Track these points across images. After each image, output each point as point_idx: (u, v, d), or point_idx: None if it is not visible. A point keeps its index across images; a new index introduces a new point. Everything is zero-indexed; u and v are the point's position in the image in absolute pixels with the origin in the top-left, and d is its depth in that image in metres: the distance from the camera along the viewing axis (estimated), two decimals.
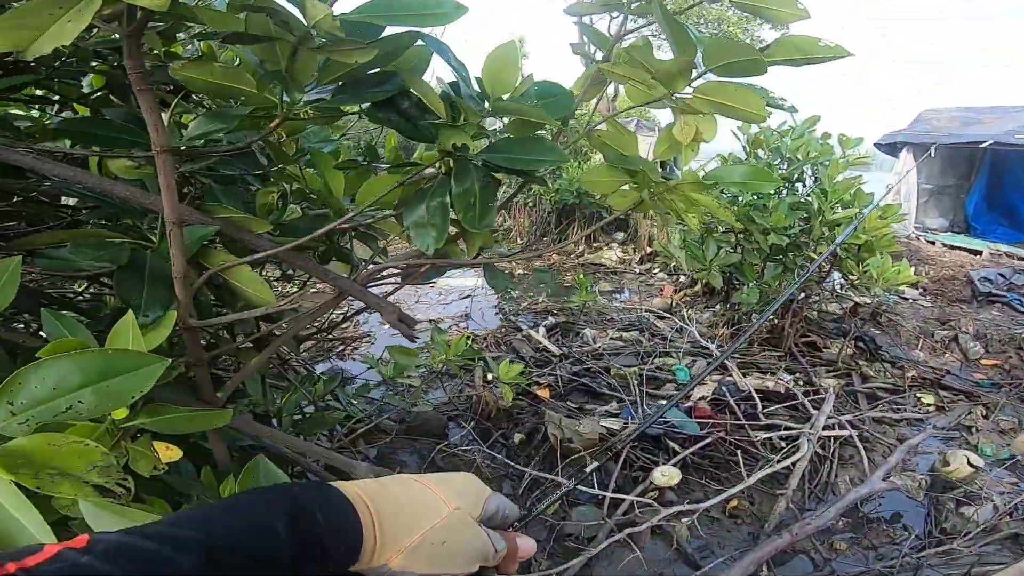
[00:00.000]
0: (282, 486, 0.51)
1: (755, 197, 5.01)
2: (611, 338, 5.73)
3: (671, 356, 5.32)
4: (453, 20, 0.69)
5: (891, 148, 10.58)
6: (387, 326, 1.04)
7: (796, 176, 5.05)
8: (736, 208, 4.96)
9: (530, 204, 9.75)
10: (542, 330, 5.86)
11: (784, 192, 5.08)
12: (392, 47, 0.79)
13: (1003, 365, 5.64)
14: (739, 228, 4.88)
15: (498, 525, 0.57)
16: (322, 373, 3.06)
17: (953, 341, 5.99)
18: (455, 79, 0.93)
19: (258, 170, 1.16)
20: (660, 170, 1.13)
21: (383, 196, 0.99)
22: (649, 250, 8.96)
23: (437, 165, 0.98)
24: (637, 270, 8.71)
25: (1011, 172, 10.32)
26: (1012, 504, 3.60)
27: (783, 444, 3.91)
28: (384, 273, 1.16)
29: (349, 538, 0.47)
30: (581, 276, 6.45)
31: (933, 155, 10.25)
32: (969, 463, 4.00)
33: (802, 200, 4.89)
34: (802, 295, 5.36)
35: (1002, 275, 7.26)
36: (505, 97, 0.95)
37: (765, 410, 4.27)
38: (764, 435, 3.94)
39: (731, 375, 4.85)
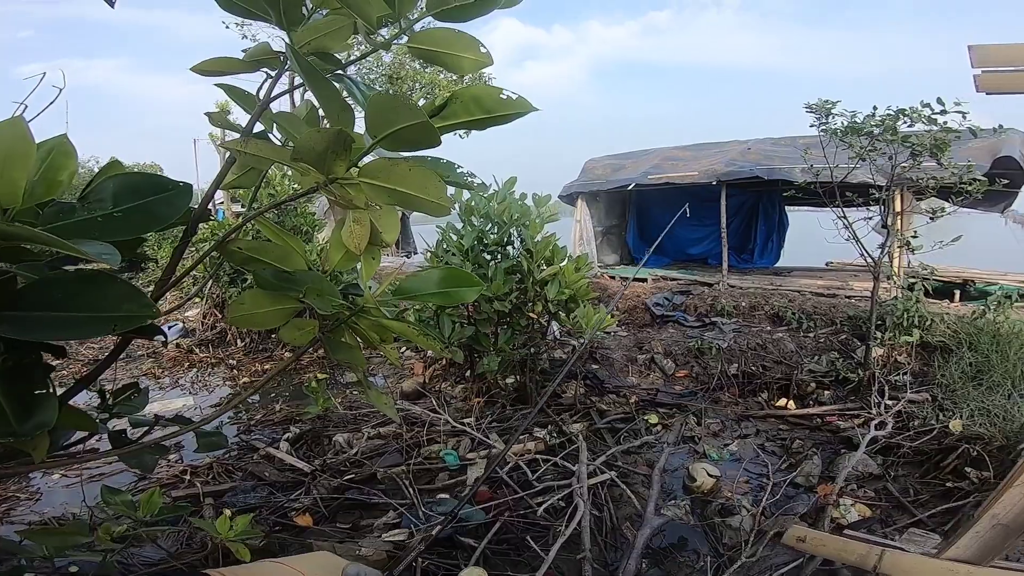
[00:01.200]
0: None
1: (478, 266, 5.25)
2: (368, 437, 5.25)
3: (436, 442, 5.09)
4: None
5: (570, 199, 12.49)
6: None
7: (505, 239, 5.45)
8: None
9: None
10: (285, 445, 5.08)
11: (499, 257, 5.44)
12: None
13: (691, 374, 6.96)
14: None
15: None
16: None
17: (652, 362, 7.17)
18: None
19: None
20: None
21: None
22: None
23: None
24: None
25: (650, 208, 12.99)
26: (756, 503, 4.21)
27: (562, 503, 3.98)
28: None
29: None
30: (314, 382, 5.78)
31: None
32: (708, 474, 4.67)
33: (515, 263, 5.29)
34: (532, 351, 5.74)
35: (666, 298, 9.10)
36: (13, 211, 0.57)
37: (535, 475, 4.36)
38: (542, 500, 3.97)
39: (495, 446, 4.87)
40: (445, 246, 5.59)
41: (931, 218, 6.57)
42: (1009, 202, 10.31)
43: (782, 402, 6.22)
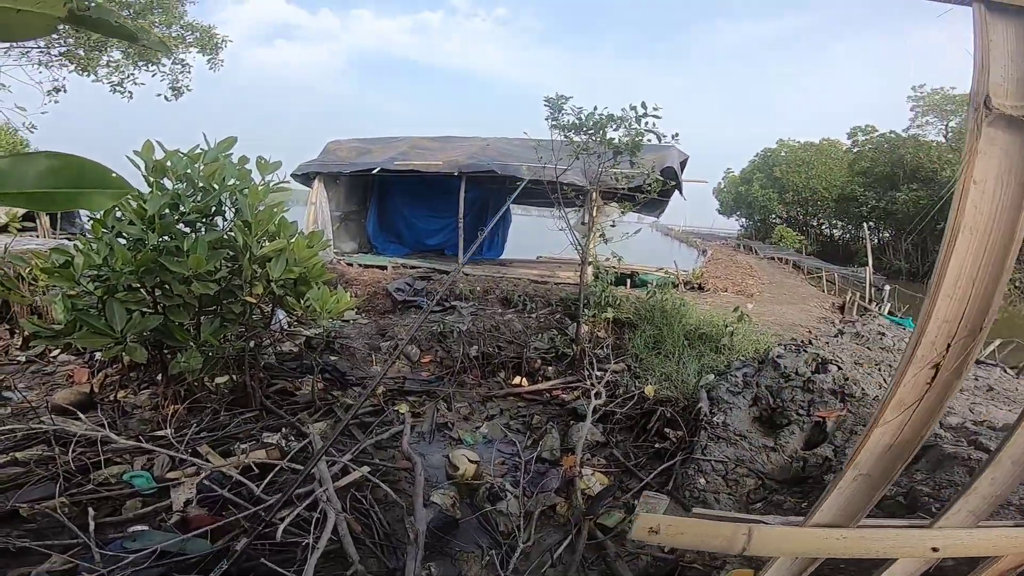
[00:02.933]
0: None
1: (166, 239, 3.54)
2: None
3: (117, 463, 3.26)
4: None
5: (305, 178, 10.69)
6: None
7: (214, 208, 3.84)
8: (140, 253, 3.34)
9: None
10: None
11: (202, 228, 3.79)
12: None
13: (435, 358, 6.28)
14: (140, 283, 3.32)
15: None
16: None
17: (395, 349, 6.26)
18: None
19: None
20: None
21: None
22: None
23: None
24: (22, 357, 5.51)
25: (392, 196, 12.11)
26: (516, 483, 3.71)
27: (316, 515, 2.77)
28: None
29: None
30: None
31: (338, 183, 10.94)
32: (469, 460, 3.95)
33: (225, 236, 3.74)
34: (252, 344, 4.26)
35: (408, 283, 8.30)
36: None
37: (262, 486, 3.01)
38: (286, 513, 2.71)
39: (208, 460, 3.32)
40: (120, 214, 3.65)
41: (612, 224, 7.27)
42: (662, 209, 12.55)
43: (517, 380, 6.05)
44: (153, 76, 12.89)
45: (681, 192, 10.43)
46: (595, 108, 5.75)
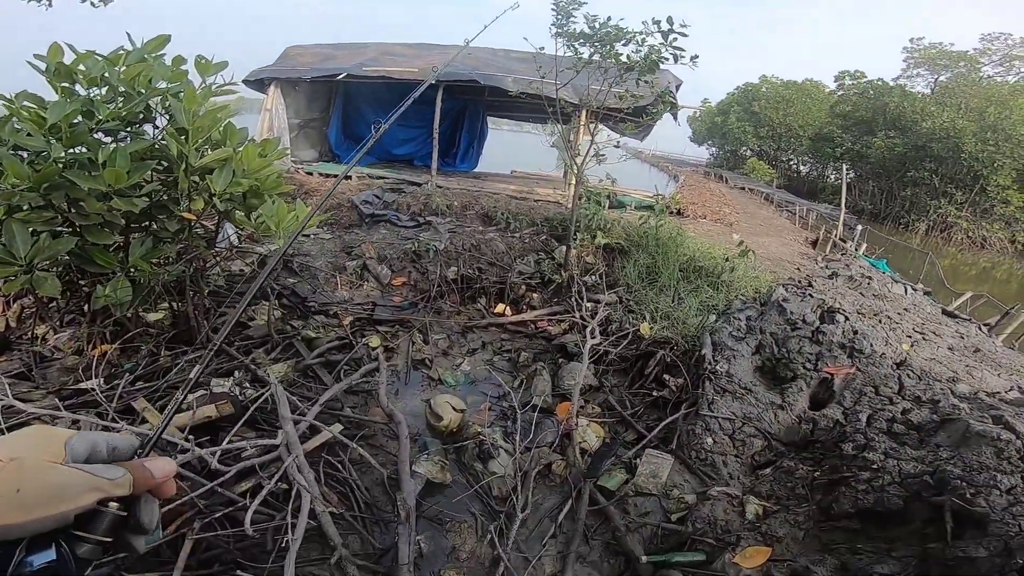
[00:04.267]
0: None
1: (80, 150, 2.80)
2: None
3: (28, 423, 2.76)
4: None
5: (259, 84, 9.48)
6: None
7: (141, 115, 3.05)
8: (39, 166, 2.61)
9: None
10: None
11: (126, 138, 3.01)
12: None
13: (409, 281, 5.79)
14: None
15: (107, 460, 0.52)
16: None
17: (364, 269, 5.72)
18: None
19: None
20: None
21: None
22: None
23: None
24: None
25: (357, 104, 11.05)
26: (507, 436, 3.44)
27: (282, 486, 2.43)
28: None
29: None
30: None
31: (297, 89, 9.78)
32: (453, 408, 3.64)
33: (155, 146, 3.00)
34: (193, 267, 3.66)
35: (376, 196, 7.56)
36: None
37: (223, 455, 2.59)
38: (247, 487, 2.36)
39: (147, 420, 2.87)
40: (18, 124, 2.79)
41: (617, 144, 6.66)
42: (647, 133, 11.87)
43: (500, 308, 5.69)
44: None
45: (676, 118, 9.75)
46: (608, 17, 4.91)
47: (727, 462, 3.24)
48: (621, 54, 5.29)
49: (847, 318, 4.41)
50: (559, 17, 5.13)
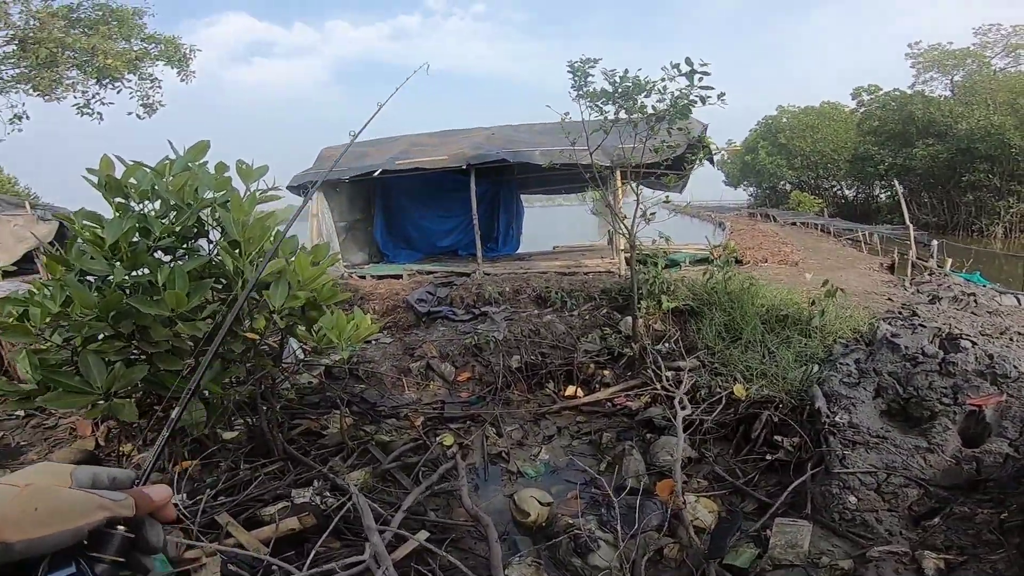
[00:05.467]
0: None
1: (138, 272, 2.98)
2: None
3: None
4: None
5: (301, 189, 10.15)
6: None
7: (194, 228, 3.26)
8: (104, 291, 2.79)
9: None
10: None
11: (184, 255, 3.21)
12: None
13: (473, 375, 5.69)
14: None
15: (110, 487, 0.59)
16: None
17: (428, 369, 5.68)
18: None
19: None
20: None
21: None
22: None
23: None
24: (20, 412, 4.98)
25: (397, 199, 11.55)
26: (605, 525, 3.13)
27: None
28: None
29: None
30: None
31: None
32: (540, 503, 3.37)
33: (212, 262, 3.17)
34: (260, 385, 3.69)
35: (430, 292, 7.72)
36: None
37: (310, 566, 2.42)
38: None
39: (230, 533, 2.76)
40: (80, 245, 3.07)
41: (666, 199, 6.62)
42: (685, 184, 11.88)
43: (570, 390, 5.43)
44: (119, 93, 12.38)
45: (713, 163, 9.72)
46: (626, 71, 5.07)
47: (880, 518, 2.74)
48: (646, 106, 5.35)
49: (974, 343, 3.90)
50: (577, 79, 5.29)
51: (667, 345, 5.80)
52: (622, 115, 5.47)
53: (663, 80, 5.03)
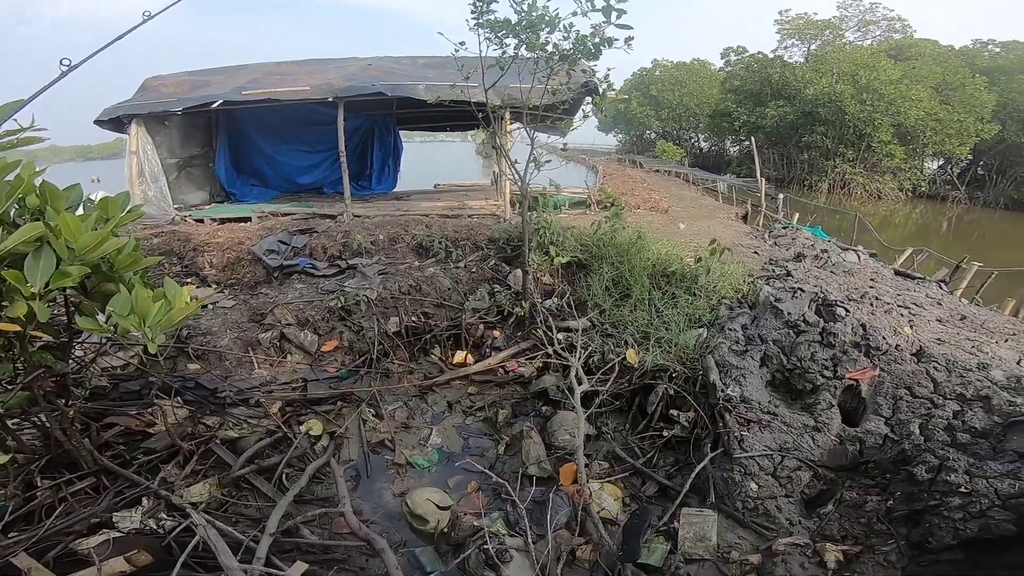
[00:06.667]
0: None
1: None
2: None
3: None
4: None
5: (116, 124, 8.18)
6: None
7: None
8: None
9: None
10: None
11: None
12: None
13: (342, 344, 5.00)
14: None
15: None
16: None
17: (283, 339, 4.88)
18: None
19: None
20: None
21: None
22: None
23: None
24: None
25: (245, 132, 9.94)
26: (511, 526, 2.86)
27: None
28: None
29: None
30: None
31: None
32: (438, 507, 3.00)
33: None
34: (39, 388, 2.79)
35: (282, 242, 6.66)
36: None
37: None
38: None
39: None
40: None
41: (565, 145, 6.26)
42: (568, 128, 11.68)
43: (460, 356, 5.05)
44: None
45: (603, 109, 9.52)
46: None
47: (780, 506, 2.82)
48: (548, 42, 4.83)
49: (848, 311, 4.20)
50: (479, 4, 4.58)
51: (556, 301, 5.64)
52: (523, 52, 4.89)
53: (575, 14, 4.50)
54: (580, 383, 3.95)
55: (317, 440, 3.75)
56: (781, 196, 16.29)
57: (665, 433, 3.62)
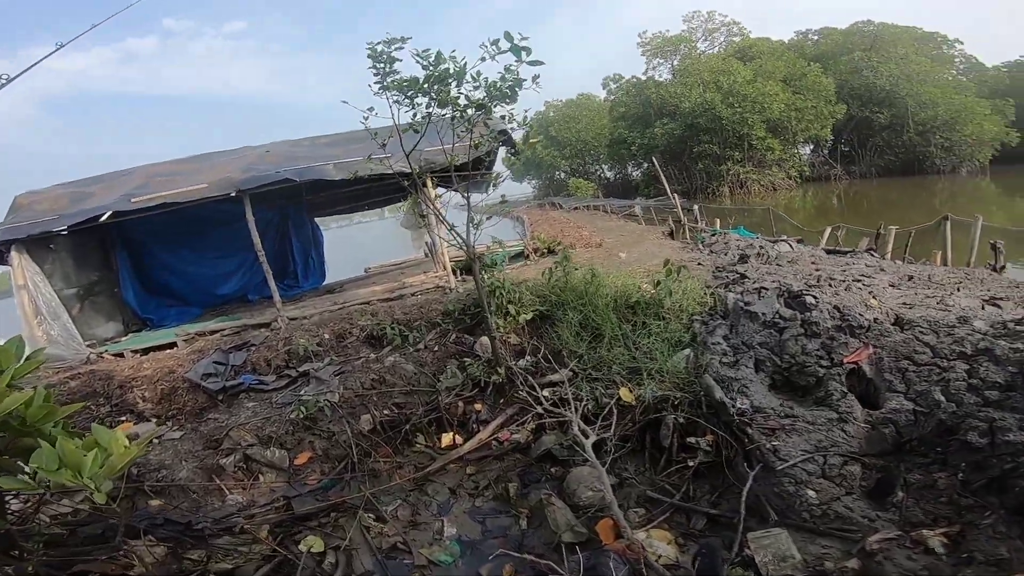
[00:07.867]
0: None
1: None
2: None
3: None
4: None
5: None
6: None
7: None
8: None
9: None
10: None
11: None
12: None
13: (316, 454, 4.57)
14: None
15: None
16: None
17: (249, 460, 4.41)
18: None
19: None
20: None
21: None
22: None
23: None
24: None
25: (147, 245, 9.20)
26: None
27: None
28: None
29: None
30: None
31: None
32: None
33: None
34: None
35: (217, 362, 6.15)
36: None
37: None
38: None
39: None
40: None
41: (503, 199, 6.36)
42: (489, 183, 11.93)
43: (447, 439, 4.76)
44: None
45: (519, 156, 9.82)
46: (439, 52, 4.47)
47: (849, 506, 2.75)
48: (459, 96, 4.86)
49: (816, 298, 4.40)
50: (381, 67, 4.54)
51: (530, 359, 5.52)
52: (436, 109, 4.87)
53: (483, 60, 4.55)
54: (587, 436, 3.80)
55: (322, 557, 3.34)
56: (696, 207, 17.42)
57: (691, 463, 3.52)
